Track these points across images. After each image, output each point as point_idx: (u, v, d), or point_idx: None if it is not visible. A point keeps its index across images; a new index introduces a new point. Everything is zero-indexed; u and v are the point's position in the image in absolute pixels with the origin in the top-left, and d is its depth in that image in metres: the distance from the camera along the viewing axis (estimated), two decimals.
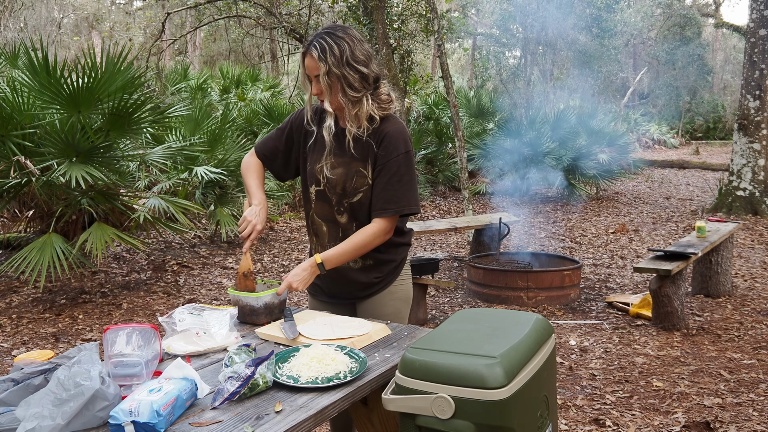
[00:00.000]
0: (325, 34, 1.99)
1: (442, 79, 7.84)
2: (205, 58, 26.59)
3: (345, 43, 1.97)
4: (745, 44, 9.86)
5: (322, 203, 2.15)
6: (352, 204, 2.10)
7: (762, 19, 9.39)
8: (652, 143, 25.97)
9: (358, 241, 2.06)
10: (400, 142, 2.06)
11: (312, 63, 1.99)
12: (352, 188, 2.08)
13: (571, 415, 3.19)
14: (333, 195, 2.11)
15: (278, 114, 10.73)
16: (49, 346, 4.29)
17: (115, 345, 1.54)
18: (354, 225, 2.13)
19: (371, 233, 2.07)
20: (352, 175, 2.08)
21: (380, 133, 2.06)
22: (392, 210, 2.06)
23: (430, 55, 25.02)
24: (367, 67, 2.01)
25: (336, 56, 1.95)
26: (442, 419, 1.43)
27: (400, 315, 2.22)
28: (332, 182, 2.10)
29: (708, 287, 5.38)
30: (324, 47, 1.96)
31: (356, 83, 1.99)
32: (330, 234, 2.16)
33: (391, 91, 2.12)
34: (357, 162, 2.08)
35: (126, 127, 5.25)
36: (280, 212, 9.71)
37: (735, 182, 9.72)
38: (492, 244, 6.22)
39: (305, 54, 2.01)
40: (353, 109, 2.02)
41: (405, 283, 2.24)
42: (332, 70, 1.96)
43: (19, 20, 20.31)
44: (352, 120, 2.04)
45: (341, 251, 2.05)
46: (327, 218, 2.15)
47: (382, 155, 2.05)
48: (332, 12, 13.38)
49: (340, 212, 2.13)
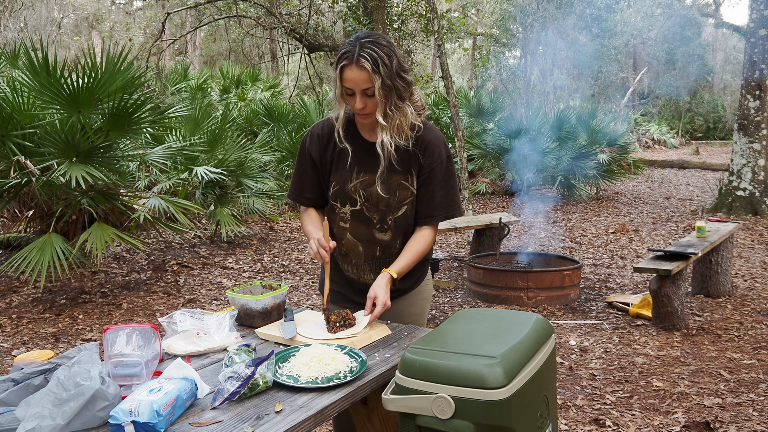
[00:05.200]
0: (369, 43, 1.85)
1: (442, 79, 7.84)
2: (205, 58, 26.60)
3: (392, 52, 1.87)
4: (745, 44, 9.86)
5: (358, 223, 2.05)
6: (397, 219, 2.04)
7: (762, 19, 9.39)
8: (652, 143, 25.98)
9: (420, 250, 2.05)
10: (443, 148, 2.03)
11: (362, 76, 1.84)
12: (397, 202, 2.03)
13: (571, 415, 3.19)
14: (375, 213, 2.03)
15: (278, 114, 10.73)
16: (49, 346, 4.29)
17: (115, 345, 1.54)
18: (398, 241, 2.08)
19: (429, 241, 2.07)
20: (395, 190, 2.01)
21: (423, 141, 2.01)
22: (441, 216, 2.05)
23: (430, 55, 25.03)
24: (409, 75, 1.94)
25: (388, 67, 1.84)
26: (442, 419, 1.43)
27: (424, 313, 2.23)
28: (373, 200, 2.01)
29: (708, 287, 5.38)
30: (376, 58, 1.83)
31: (404, 93, 1.92)
32: (367, 253, 2.08)
33: (421, 96, 2.06)
34: (398, 175, 2.01)
35: (126, 127, 5.25)
36: (280, 212, 9.71)
37: (735, 182, 9.72)
38: (492, 243, 6.22)
39: (347, 66, 1.85)
40: (400, 119, 1.94)
41: (429, 282, 2.25)
42: (386, 82, 1.85)
43: (19, 20, 20.30)
44: (398, 131, 1.95)
45: (409, 262, 2.03)
46: (364, 238, 2.06)
47: (427, 163, 2.01)
48: (332, 12, 13.38)
49: (382, 230, 2.05)
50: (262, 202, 7.87)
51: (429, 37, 14.29)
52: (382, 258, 2.09)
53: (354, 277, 2.15)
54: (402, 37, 12.21)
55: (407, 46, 12.56)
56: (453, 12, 20.96)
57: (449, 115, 10.84)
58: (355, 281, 2.15)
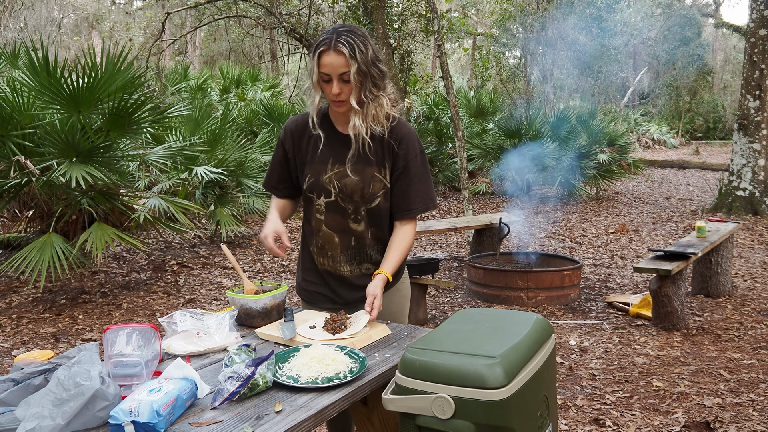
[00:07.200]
0: (347, 32, 1.93)
1: (442, 79, 7.84)
2: (205, 58, 26.62)
3: (367, 41, 1.96)
4: (745, 44, 9.86)
5: (333, 214, 2.09)
6: (370, 210, 2.08)
7: (762, 19, 9.40)
8: (652, 143, 25.99)
9: (405, 247, 2.09)
10: (416, 142, 2.09)
11: (339, 61, 1.91)
12: (371, 194, 2.06)
13: (571, 415, 3.19)
14: (349, 204, 2.07)
15: (278, 114, 10.72)
16: (49, 346, 4.29)
17: (115, 345, 1.54)
18: (370, 232, 2.12)
19: (411, 236, 2.11)
20: (369, 181, 2.05)
21: (397, 134, 2.06)
22: (419, 209, 2.10)
23: (430, 55, 25.03)
24: (384, 66, 2.02)
25: (364, 53, 1.92)
26: (442, 419, 1.43)
27: (404, 310, 2.25)
28: (347, 191, 2.05)
29: (708, 287, 5.38)
30: (353, 45, 1.90)
31: (379, 81, 1.99)
32: (342, 244, 2.12)
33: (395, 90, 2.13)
34: (372, 167, 2.05)
35: (126, 127, 5.25)
36: None
37: (735, 182, 9.72)
38: (492, 243, 6.22)
39: (324, 52, 1.92)
40: (375, 108, 2.00)
41: (405, 279, 2.26)
42: (361, 68, 1.92)
43: (19, 20, 20.31)
44: (374, 120, 2.02)
45: (398, 260, 2.07)
46: (339, 228, 2.10)
47: (402, 156, 2.06)
48: (332, 12, 13.38)
49: (356, 220, 2.09)
50: (262, 202, 7.88)
51: (429, 37, 14.29)
52: (356, 248, 2.12)
53: (330, 269, 2.17)
54: (402, 37, 12.21)
55: (407, 46, 12.56)
56: (453, 12, 20.97)
57: (449, 115, 10.84)
58: (331, 273, 2.17)
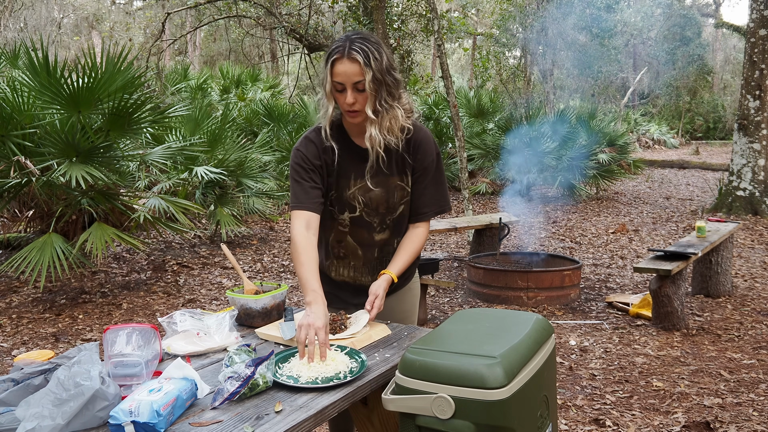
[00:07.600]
0: (360, 39, 1.87)
1: (442, 79, 7.84)
2: (205, 58, 26.62)
3: (381, 48, 1.89)
4: (745, 44, 9.86)
5: (358, 228, 2.06)
6: (395, 219, 2.07)
7: (762, 19, 9.39)
8: (652, 143, 25.99)
9: (416, 248, 2.08)
10: (432, 146, 2.06)
11: (354, 69, 1.83)
12: (395, 203, 2.05)
13: (571, 415, 3.19)
14: (374, 217, 2.05)
15: (278, 114, 10.73)
16: (49, 346, 4.29)
17: (115, 345, 1.54)
18: (395, 240, 2.10)
19: (423, 239, 2.09)
20: (393, 191, 2.03)
21: (413, 143, 2.02)
22: (433, 212, 2.09)
23: (430, 55, 25.04)
24: (398, 74, 1.95)
25: (378, 61, 1.85)
26: (442, 419, 1.43)
27: (414, 309, 2.25)
28: (372, 204, 2.03)
29: (708, 287, 5.38)
30: (367, 52, 1.84)
31: (394, 90, 1.92)
32: (366, 256, 2.10)
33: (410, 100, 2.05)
34: (393, 177, 2.02)
35: (126, 127, 5.25)
36: (280, 212, 9.71)
37: (735, 182, 9.72)
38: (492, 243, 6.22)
39: (338, 60, 1.84)
40: (390, 120, 1.94)
41: (416, 279, 2.27)
42: (376, 76, 1.85)
43: (19, 20, 20.31)
44: (389, 132, 1.96)
45: (406, 262, 2.05)
46: (363, 242, 2.08)
47: (419, 162, 2.03)
48: (332, 12, 13.38)
49: (381, 231, 2.07)
50: (262, 202, 7.88)
51: (429, 37, 14.30)
52: (380, 258, 2.11)
53: (350, 281, 2.14)
54: (402, 37, 12.21)
55: (407, 46, 12.56)
56: (453, 12, 20.97)
57: (449, 115, 10.83)
58: (349, 284, 2.15)
